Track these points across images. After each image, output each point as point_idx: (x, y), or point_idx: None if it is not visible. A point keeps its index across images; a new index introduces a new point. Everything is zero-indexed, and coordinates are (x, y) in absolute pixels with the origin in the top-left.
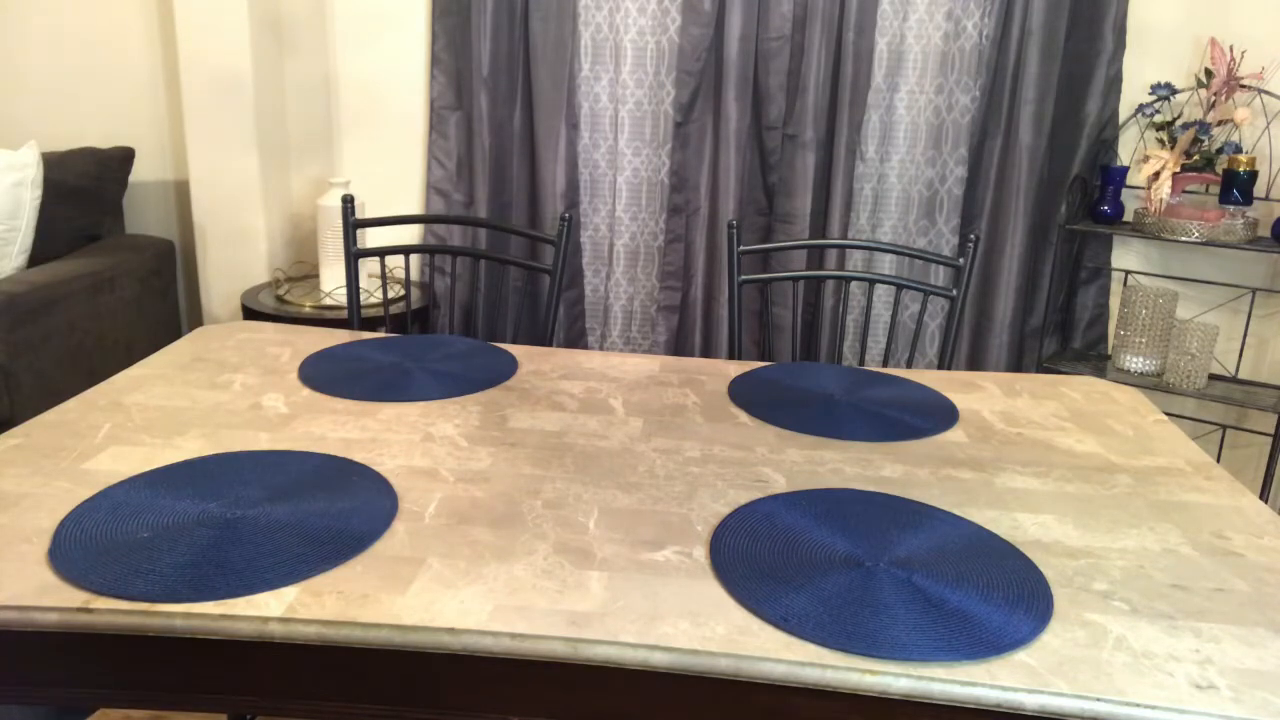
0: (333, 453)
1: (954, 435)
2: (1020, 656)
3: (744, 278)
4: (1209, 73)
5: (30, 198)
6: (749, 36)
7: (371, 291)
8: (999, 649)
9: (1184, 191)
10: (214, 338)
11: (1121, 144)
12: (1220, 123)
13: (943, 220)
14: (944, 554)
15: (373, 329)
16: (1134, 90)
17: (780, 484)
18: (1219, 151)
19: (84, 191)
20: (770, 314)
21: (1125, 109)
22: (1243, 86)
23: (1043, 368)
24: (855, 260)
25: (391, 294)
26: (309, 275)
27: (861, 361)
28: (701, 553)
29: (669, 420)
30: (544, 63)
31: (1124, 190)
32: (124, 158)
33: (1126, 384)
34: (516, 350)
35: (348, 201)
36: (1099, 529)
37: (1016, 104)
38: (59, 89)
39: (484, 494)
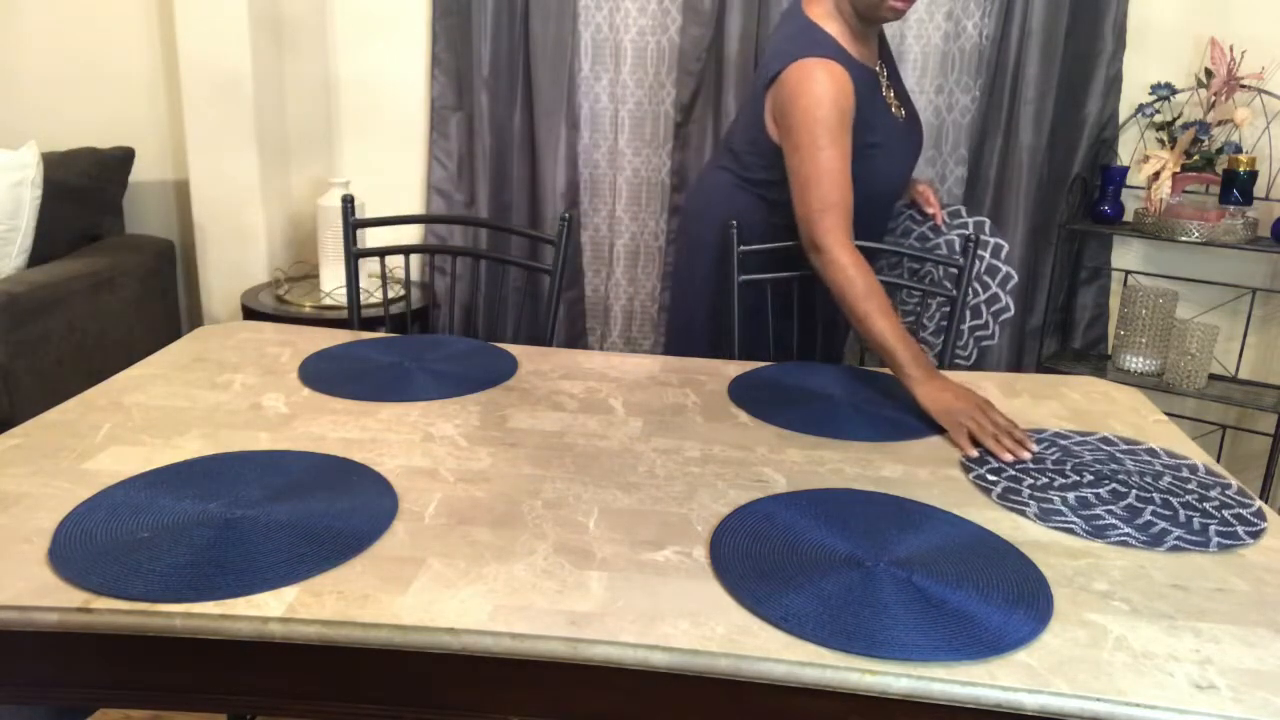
0: (333, 453)
1: None
2: (1020, 656)
3: (744, 278)
4: (1209, 73)
5: (30, 198)
6: (749, 36)
7: (371, 291)
8: (999, 649)
9: (1184, 191)
10: (214, 338)
11: (1121, 144)
12: (1220, 123)
13: None
14: (944, 554)
15: (373, 329)
16: (1134, 90)
17: (780, 484)
18: (1219, 151)
19: (84, 191)
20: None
21: (1125, 109)
22: (1243, 86)
23: (1043, 368)
24: None
25: (391, 294)
26: (309, 275)
27: (861, 361)
28: (701, 553)
29: (669, 420)
30: (544, 63)
31: (1124, 190)
32: (124, 158)
33: (1126, 384)
34: (516, 350)
35: (348, 201)
36: None
37: (1016, 104)
38: (59, 89)
39: (484, 494)
